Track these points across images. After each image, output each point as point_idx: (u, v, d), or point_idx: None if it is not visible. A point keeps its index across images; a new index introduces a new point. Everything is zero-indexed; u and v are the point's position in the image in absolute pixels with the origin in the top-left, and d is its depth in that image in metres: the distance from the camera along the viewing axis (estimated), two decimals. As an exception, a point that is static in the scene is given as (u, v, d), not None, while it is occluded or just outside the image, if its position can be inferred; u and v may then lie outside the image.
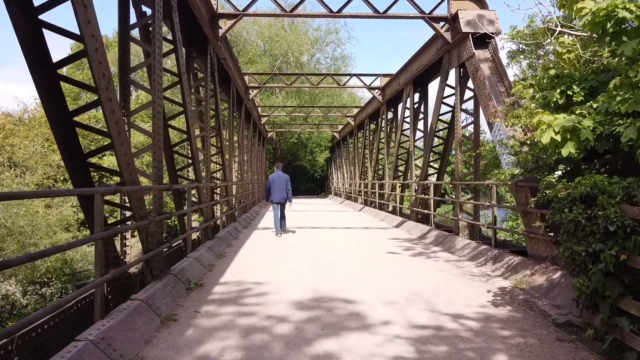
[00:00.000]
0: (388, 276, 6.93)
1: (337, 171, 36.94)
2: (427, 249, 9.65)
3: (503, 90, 8.74)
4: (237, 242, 10.45)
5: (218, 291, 6.00)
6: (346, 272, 7.18)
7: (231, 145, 14.07)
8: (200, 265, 7.24)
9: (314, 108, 28.01)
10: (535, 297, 5.82)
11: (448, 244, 9.72)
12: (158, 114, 6.03)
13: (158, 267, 5.73)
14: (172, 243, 9.44)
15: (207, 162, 9.66)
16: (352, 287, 6.21)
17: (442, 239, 10.21)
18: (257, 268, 7.50)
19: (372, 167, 20.91)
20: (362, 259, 8.36)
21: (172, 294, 5.42)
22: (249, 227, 14.15)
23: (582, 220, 4.02)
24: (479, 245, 8.57)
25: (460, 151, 10.18)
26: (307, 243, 10.49)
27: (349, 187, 28.98)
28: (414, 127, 14.34)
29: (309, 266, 7.68)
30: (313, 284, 6.42)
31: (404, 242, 10.85)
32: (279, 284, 6.43)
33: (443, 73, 11.30)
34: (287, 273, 7.15)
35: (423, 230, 11.76)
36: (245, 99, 17.61)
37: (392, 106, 18.37)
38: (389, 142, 18.47)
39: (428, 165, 12.68)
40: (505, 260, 7.33)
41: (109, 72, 4.29)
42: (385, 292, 5.96)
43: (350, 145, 29.45)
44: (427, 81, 14.32)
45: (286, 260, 8.29)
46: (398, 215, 15.35)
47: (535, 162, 6.68)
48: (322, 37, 44.25)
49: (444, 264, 8.00)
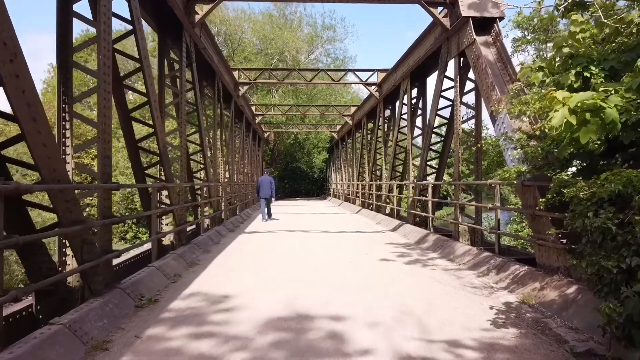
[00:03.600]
0: (377, 288, 6.04)
1: (335, 172, 36.06)
2: (423, 256, 8.76)
3: (507, 79, 7.85)
4: (216, 248, 9.57)
5: (175, 308, 5.13)
6: (330, 284, 6.29)
7: (214, 143, 13.19)
8: (163, 275, 6.36)
9: (310, 107, 27.09)
10: (546, 316, 4.92)
11: (447, 250, 8.83)
12: (105, 102, 5.17)
13: (100, 280, 4.86)
14: (140, 249, 8.57)
15: (182, 160, 8.79)
16: (333, 302, 5.33)
17: (441, 244, 9.31)
18: (230, 278, 6.62)
19: (369, 168, 20.03)
20: (351, 268, 7.47)
21: (113, 314, 4.54)
22: (236, 230, 13.27)
23: (613, 228, 3.13)
24: (481, 252, 7.67)
25: (461, 148, 9.28)
26: (293, 249, 9.62)
27: (347, 188, 28.09)
28: (412, 124, 13.43)
29: (289, 276, 6.79)
30: (290, 297, 5.55)
31: (399, 247, 9.95)
32: (250, 297, 5.56)
33: (441, 64, 10.41)
34: (262, 284, 6.28)
35: (421, 234, 10.87)
36: (235, 95, 16.74)
37: (389, 103, 17.48)
38: (387, 141, 17.58)
39: (426, 164, 11.78)
40: (510, 270, 6.43)
41: (16, 41, 3.44)
42: (371, 309, 5.08)
43: (348, 145, 28.58)
44: (426, 75, 13.42)
45: (265, 268, 7.41)
46: (395, 218, 14.46)
47: (545, 158, 5.78)
48: (318, 33, 43.46)
49: (441, 273, 7.11)
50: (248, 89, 33.12)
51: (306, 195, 45.20)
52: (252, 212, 20.61)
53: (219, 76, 13.24)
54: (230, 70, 15.59)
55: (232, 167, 17.42)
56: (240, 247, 9.79)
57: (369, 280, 6.57)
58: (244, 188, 21.28)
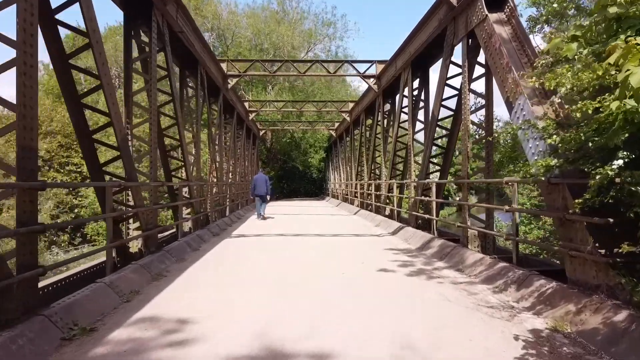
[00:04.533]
0: (372, 311, 4.94)
1: (334, 172, 34.94)
2: (428, 265, 7.65)
3: (525, 61, 6.75)
4: (192, 256, 8.46)
5: (114, 339, 4.02)
6: (316, 306, 5.18)
7: (198, 139, 12.05)
8: (114, 293, 5.26)
9: (306, 103, 25.92)
10: (590, 351, 3.82)
11: (455, 258, 7.72)
12: (26, 77, 4.07)
13: (13, 307, 3.77)
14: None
15: (153, 155, 7.69)
16: (317, 331, 4.23)
17: (448, 251, 8.20)
18: (196, 297, 5.52)
19: (368, 166, 18.92)
20: (344, 282, 6.37)
21: (23, 354, 3.44)
22: (222, 234, 12.17)
23: None
24: (496, 261, 6.56)
25: (469, 141, 8.17)
26: (281, 257, 8.53)
27: (345, 188, 26.97)
28: (413, 118, 12.30)
29: (268, 294, 5.69)
30: (264, 324, 4.45)
31: (400, 254, 8.85)
32: (215, 324, 4.47)
33: (447, 48, 9.29)
34: (234, 305, 5.18)
35: (424, 238, 9.75)
36: (224, 88, 15.62)
37: (389, 96, 16.33)
38: (386, 138, 16.45)
39: (429, 161, 10.66)
40: (534, 286, 5.32)
41: None
42: (364, 342, 3.99)
43: (346, 143, 27.47)
44: (428, 63, 12.28)
45: (243, 282, 6.31)
46: (396, 220, 13.35)
47: (580, 149, 4.68)
48: (318, 29, 42.36)
49: (450, 288, 6.00)
50: (243, 85, 32.10)
51: (305, 195, 44.19)
52: (244, 214, 19.49)
53: (203, 66, 12.13)
54: (217, 61, 14.47)
55: (221, 166, 16.30)
56: (220, 255, 8.68)
57: (364, 298, 5.47)
58: (235, 188, 20.18)
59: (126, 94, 7.94)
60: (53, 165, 29.96)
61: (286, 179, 43.68)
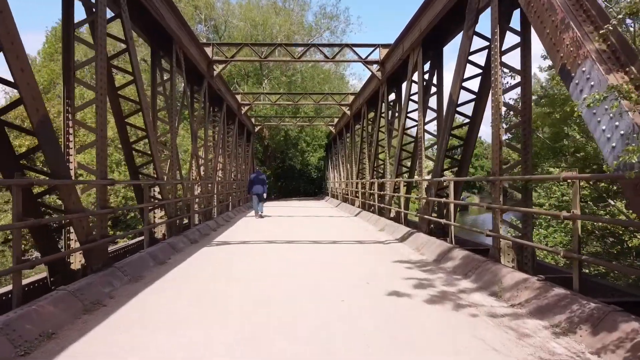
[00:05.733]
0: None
1: (333, 170, 33.25)
2: (451, 285, 5.99)
3: (584, 19, 5.07)
4: (154, 273, 6.78)
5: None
6: (301, 356, 3.52)
7: (172, 130, 10.34)
8: (8, 342, 3.57)
9: (303, 95, 24.17)
10: None
11: (485, 276, 6.04)
12: None
13: None
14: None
15: (100, 146, 5.99)
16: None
17: (474, 265, 6.53)
18: (132, 345, 3.86)
19: (370, 163, 17.24)
20: (343, 315, 4.71)
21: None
22: (202, 240, 10.50)
23: None
24: (547, 286, 4.88)
25: (501, 127, 6.48)
26: (265, 273, 6.88)
27: (345, 187, 25.29)
28: (424, 106, 10.61)
29: (240, 339, 4.03)
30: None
31: (414, 268, 7.20)
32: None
33: (470, 15, 7.61)
34: (187, 358, 3.52)
35: (440, 248, 8.09)
36: (208, 76, 13.93)
37: (394, 84, 14.60)
38: (391, 131, 14.76)
39: (445, 155, 8.98)
40: (622, 331, 3.64)
41: None
42: None
43: (346, 139, 25.79)
44: (442, 41, 10.54)
45: (208, 317, 4.65)
46: (403, 224, 11.69)
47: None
48: (319, 21, 40.64)
49: (490, 326, 4.33)
50: (238, 79, 30.35)
51: (303, 195, 42.64)
52: (234, 215, 17.80)
53: (179, 45, 10.45)
54: (200, 44, 12.77)
55: (207, 163, 14.61)
56: (189, 272, 7.01)
57: (373, 344, 3.80)
58: (225, 187, 18.50)
59: (66, 67, 6.25)
60: None
61: (284, 178, 42.03)
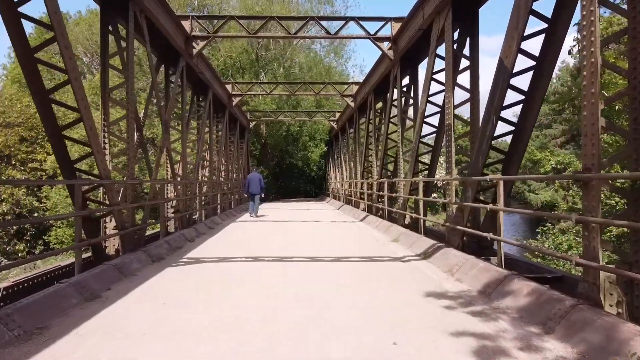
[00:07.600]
0: None
1: (335, 170, 30.93)
2: (535, 351, 3.66)
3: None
4: (70, 318, 4.47)
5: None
6: None
7: (130, 116, 7.96)
8: None
9: (302, 84, 21.80)
10: None
11: (590, 335, 3.71)
12: None
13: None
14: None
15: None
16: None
17: (557, 312, 4.19)
18: None
19: (378, 160, 14.92)
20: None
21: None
22: (169, 257, 8.16)
23: None
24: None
25: (600, 99, 4.18)
26: (240, 311, 4.57)
27: (348, 188, 22.97)
28: (453, 84, 8.28)
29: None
30: None
31: (457, 308, 4.88)
32: None
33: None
34: None
35: (487, 274, 5.77)
36: (186, 54, 11.61)
37: (409, 65, 12.25)
38: (404, 121, 12.43)
39: (489, 145, 6.67)
40: None
41: None
42: None
43: (350, 135, 23.47)
44: (477, 2, 8.18)
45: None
46: (422, 234, 9.39)
47: None
48: (314, 7, 38.32)
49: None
50: (232, 71, 27.90)
51: (304, 196, 40.41)
52: (221, 221, 15.43)
53: (140, 6, 8.13)
54: (172, 11, 10.43)
55: (184, 159, 12.26)
56: (128, 316, 4.69)
57: None
58: (211, 188, 16.18)
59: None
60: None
61: (283, 177, 39.71)
